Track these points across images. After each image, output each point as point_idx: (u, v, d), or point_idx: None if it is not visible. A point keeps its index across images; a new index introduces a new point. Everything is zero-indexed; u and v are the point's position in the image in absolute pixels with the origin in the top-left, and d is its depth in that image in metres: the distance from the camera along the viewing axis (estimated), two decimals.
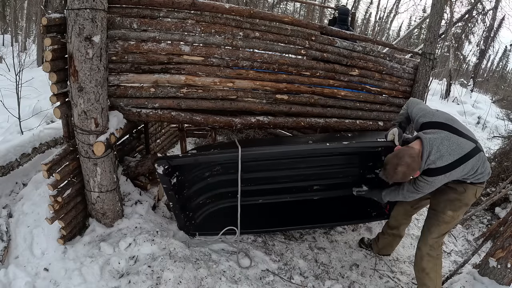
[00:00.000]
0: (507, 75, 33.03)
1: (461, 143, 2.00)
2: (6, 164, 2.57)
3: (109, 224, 2.41)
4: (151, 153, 2.96)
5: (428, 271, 2.21)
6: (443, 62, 13.75)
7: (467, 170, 2.02)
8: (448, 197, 2.13)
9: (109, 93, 2.13)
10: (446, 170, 1.98)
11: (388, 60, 2.99)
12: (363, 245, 2.85)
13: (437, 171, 1.99)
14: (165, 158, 2.31)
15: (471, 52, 13.02)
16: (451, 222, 2.16)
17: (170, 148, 4.84)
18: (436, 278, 2.23)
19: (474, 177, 2.07)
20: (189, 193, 2.67)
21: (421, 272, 2.24)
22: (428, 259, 2.20)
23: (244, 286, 2.15)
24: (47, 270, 2.08)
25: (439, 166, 1.98)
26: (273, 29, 2.39)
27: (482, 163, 2.07)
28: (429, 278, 2.21)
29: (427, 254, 2.19)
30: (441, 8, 3.18)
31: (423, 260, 2.21)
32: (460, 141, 2.00)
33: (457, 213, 2.15)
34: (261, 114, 2.53)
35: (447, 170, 1.98)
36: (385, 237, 2.67)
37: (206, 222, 2.74)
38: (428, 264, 2.20)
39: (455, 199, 2.12)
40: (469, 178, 2.07)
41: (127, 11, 2.08)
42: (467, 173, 2.03)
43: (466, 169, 2.01)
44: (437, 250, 2.21)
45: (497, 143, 5.90)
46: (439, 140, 1.99)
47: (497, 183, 4.05)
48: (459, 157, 1.99)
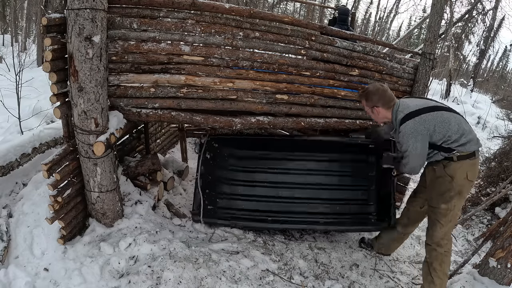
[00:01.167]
0: (507, 75, 33.03)
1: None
2: (6, 164, 2.57)
3: (109, 224, 2.41)
4: (151, 153, 2.95)
5: (435, 266, 2.22)
6: (443, 62, 13.74)
7: (445, 127, 2.11)
8: (439, 190, 2.18)
9: (109, 93, 2.12)
10: (414, 114, 2.13)
11: (388, 60, 2.99)
12: (363, 245, 2.85)
13: (407, 117, 2.14)
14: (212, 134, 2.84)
15: (471, 52, 13.05)
16: (447, 214, 2.18)
17: (170, 148, 4.84)
18: (443, 276, 2.23)
19: (459, 143, 2.11)
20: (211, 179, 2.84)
21: (427, 268, 2.25)
22: (436, 254, 2.22)
23: (244, 286, 2.15)
24: (47, 270, 2.08)
25: (407, 112, 2.15)
26: (273, 29, 2.39)
27: (464, 123, 2.17)
28: (436, 275, 2.22)
29: (434, 250, 2.21)
30: (441, 8, 3.18)
31: (431, 256, 2.23)
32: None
33: (451, 204, 2.17)
34: (261, 114, 2.53)
35: (416, 114, 2.13)
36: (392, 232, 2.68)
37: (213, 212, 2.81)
38: (435, 261, 2.22)
39: (445, 190, 2.16)
40: (454, 144, 2.11)
41: (127, 11, 2.08)
42: (447, 131, 2.11)
43: (444, 124, 2.11)
44: (444, 247, 2.21)
45: (497, 143, 5.90)
46: (408, 101, 2.27)
47: (497, 183, 4.05)
48: (428, 106, 2.17)
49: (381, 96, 2.27)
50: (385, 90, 2.30)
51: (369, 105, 2.32)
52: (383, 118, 2.36)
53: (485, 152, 5.46)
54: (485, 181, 4.34)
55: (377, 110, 2.30)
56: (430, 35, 3.19)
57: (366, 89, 2.35)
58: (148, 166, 2.83)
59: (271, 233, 2.85)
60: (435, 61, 3.21)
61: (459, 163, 2.12)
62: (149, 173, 2.90)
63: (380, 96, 2.27)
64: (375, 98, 2.28)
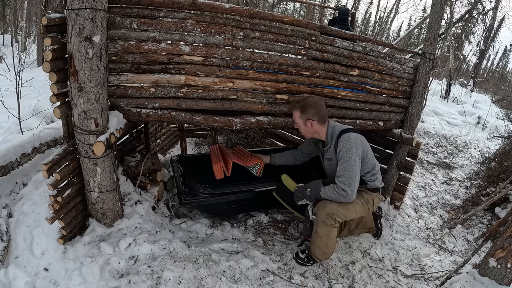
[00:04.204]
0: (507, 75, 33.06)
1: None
2: (6, 164, 2.57)
3: (109, 224, 2.41)
4: (150, 152, 2.95)
5: (321, 235, 2.37)
6: (443, 62, 13.74)
7: (370, 158, 2.39)
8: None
9: (109, 93, 2.12)
10: (355, 131, 2.35)
11: (388, 60, 2.99)
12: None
13: (348, 129, 2.35)
14: None
15: (471, 52, 13.04)
16: (349, 210, 2.36)
17: (170, 148, 4.85)
18: (328, 242, 2.39)
19: (372, 176, 2.44)
20: None
21: (314, 234, 2.41)
22: (322, 225, 2.35)
23: (244, 286, 2.16)
24: (47, 270, 2.08)
25: (347, 128, 2.40)
26: (273, 29, 2.39)
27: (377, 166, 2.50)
28: (321, 240, 2.38)
29: (322, 221, 2.34)
30: (441, 8, 3.17)
31: (318, 225, 2.37)
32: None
33: (356, 206, 2.39)
34: (261, 114, 2.53)
35: (356, 132, 2.35)
36: None
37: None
38: (321, 230, 2.36)
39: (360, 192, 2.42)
40: (368, 175, 2.42)
41: (127, 11, 2.08)
42: (367, 162, 2.37)
43: (368, 155, 2.37)
44: (333, 222, 2.34)
45: (497, 143, 5.92)
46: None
47: (497, 183, 4.05)
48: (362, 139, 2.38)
49: (318, 110, 2.35)
50: (322, 106, 2.39)
51: (303, 117, 2.37)
52: (314, 132, 2.43)
53: (485, 152, 5.47)
54: (485, 181, 4.34)
55: (311, 123, 2.37)
56: (430, 35, 3.19)
57: (304, 101, 2.37)
58: (148, 166, 2.83)
59: (271, 233, 2.85)
60: (435, 61, 3.21)
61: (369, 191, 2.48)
62: (149, 173, 2.90)
63: (317, 110, 2.34)
64: (311, 111, 2.34)
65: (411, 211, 3.78)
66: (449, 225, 3.60)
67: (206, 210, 2.94)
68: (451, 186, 4.74)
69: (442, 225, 3.63)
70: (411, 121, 3.27)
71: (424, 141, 6.54)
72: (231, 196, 2.76)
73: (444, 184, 4.80)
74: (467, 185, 4.69)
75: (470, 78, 12.76)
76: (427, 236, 3.34)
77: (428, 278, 2.66)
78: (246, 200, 2.92)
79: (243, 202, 2.93)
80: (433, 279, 2.65)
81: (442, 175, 5.08)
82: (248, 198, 2.91)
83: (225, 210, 2.93)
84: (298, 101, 2.41)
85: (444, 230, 3.51)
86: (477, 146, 6.46)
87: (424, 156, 5.76)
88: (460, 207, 4.05)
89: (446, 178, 4.97)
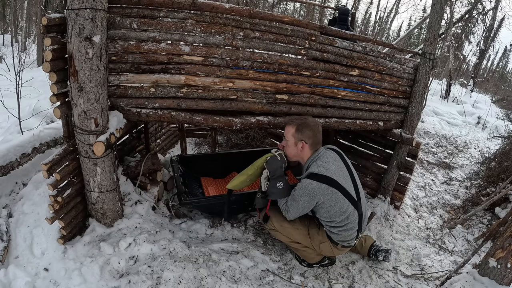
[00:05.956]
0: (507, 75, 33.08)
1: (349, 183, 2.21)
2: (6, 164, 2.57)
3: (109, 224, 2.41)
4: (150, 152, 2.95)
5: (282, 239, 2.46)
6: (443, 62, 13.73)
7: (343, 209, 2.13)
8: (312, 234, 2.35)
9: (109, 93, 2.12)
10: (324, 180, 2.07)
11: (388, 60, 2.98)
12: None
13: (317, 176, 2.09)
14: None
15: (471, 52, 13.00)
16: (286, 228, 2.35)
17: (170, 148, 4.85)
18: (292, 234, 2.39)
19: (334, 229, 2.21)
20: None
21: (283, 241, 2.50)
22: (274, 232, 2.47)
23: (244, 286, 2.16)
24: (47, 270, 2.08)
25: (322, 173, 2.09)
26: (273, 29, 2.39)
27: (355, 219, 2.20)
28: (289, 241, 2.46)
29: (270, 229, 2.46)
30: (441, 8, 3.17)
31: (274, 236, 2.49)
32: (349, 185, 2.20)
33: (295, 231, 2.35)
34: (261, 114, 2.53)
35: (327, 181, 2.07)
36: None
37: None
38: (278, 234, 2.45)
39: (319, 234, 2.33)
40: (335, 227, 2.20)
41: (127, 11, 2.08)
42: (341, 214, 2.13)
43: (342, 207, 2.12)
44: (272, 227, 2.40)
45: (497, 143, 5.91)
46: (332, 161, 2.18)
47: (497, 183, 4.05)
48: (341, 184, 2.11)
49: (314, 134, 2.20)
50: (320, 132, 2.23)
51: (298, 137, 2.22)
52: (301, 156, 2.27)
53: (485, 152, 5.47)
54: (485, 181, 4.34)
55: (302, 145, 2.22)
56: (430, 35, 3.19)
57: (303, 120, 2.23)
58: (148, 166, 2.83)
59: None
60: (435, 61, 3.21)
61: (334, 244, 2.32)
62: (149, 173, 2.90)
63: (313, 134, 2.20)
64: (308, 133, 2.19)
65: (411, 211, 3.78)
66: (449, 225, 3.60)
67: (206, 210, 2.94)
68: (451, 186, 4.75)
69: (442, 225, 3.63)
70: (411, 121, 3.27)
71: (424, 141, 6.54)
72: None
73: (444, 184, 4.80)
74: (467, 185, 4.69)
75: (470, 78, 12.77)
76: (427, 236, 3.34)
77: (428, 278, 2.66)
78: (246, 200, 2.92)
79: (243, 202, 2.93)
80: (433, 279, 2.65)
81: (442, 175, 5.08)
82: (248, 198, 2.92)
83: None
84: (296, 118, 2.28)
85: (444, 230, 3.51)
86: (477, 146, 6.46)
87: (424, 156, 5.76)
88: (460, 207, 4.05)
89: (446, 178, 4.97)
